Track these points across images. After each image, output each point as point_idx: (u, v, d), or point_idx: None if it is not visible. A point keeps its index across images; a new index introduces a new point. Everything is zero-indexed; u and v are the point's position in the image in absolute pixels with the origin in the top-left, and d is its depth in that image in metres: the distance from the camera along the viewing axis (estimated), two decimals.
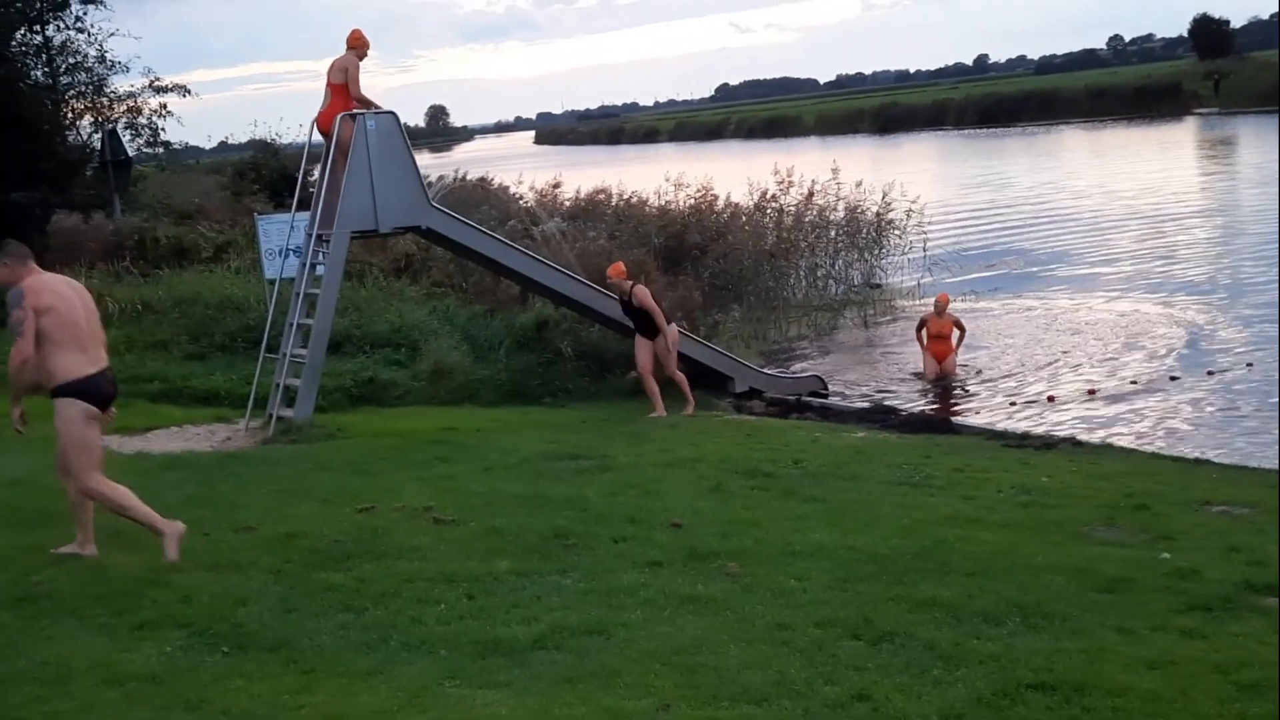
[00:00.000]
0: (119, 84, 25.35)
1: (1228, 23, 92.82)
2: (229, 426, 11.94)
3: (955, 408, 13.98)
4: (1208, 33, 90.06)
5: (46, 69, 24.23)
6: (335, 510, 8.27)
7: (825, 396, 14.43)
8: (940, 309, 15.69)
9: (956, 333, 15.55)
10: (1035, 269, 23.43)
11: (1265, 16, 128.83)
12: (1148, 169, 41.57)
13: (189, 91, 25.98)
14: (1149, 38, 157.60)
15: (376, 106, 12.31)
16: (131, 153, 24.35)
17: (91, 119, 24.84)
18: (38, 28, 24.08)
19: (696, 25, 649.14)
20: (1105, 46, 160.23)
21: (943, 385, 15.03)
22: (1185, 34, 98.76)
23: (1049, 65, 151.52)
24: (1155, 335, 16.64)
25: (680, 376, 13.33)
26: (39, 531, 7.86)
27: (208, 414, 12.46)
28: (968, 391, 14.71)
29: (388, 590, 6.44)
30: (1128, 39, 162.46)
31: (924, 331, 15.65)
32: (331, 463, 10.06)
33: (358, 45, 12.43)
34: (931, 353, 15.46)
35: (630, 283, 13.26)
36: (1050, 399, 13.63)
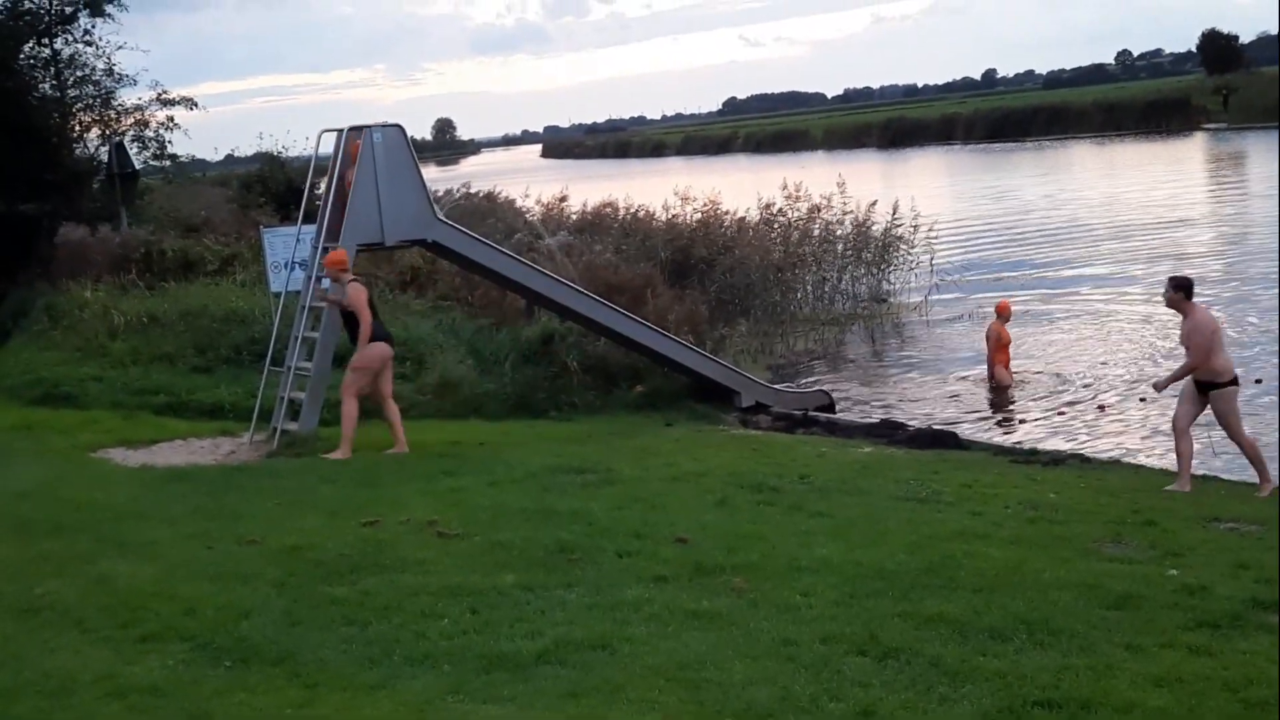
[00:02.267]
0: (126, 97, 25.40)
1: (1236, 38, 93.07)
2: (234, 439, 11.93)
3: (1011, 419, 13.99)
4: (1216, 48, 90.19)
5: (54, 82, 24.29)
6: (340, 523, 8.25)
7: (832, 411, 14.39)
8: (1006, 316, 15.85)
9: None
10: (1046, 285, 23.31)
11: (1274, 32, 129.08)
12: (1159, 184, 41.51)
13: (196, 104, 26.02)
14: (1158, 53, 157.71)
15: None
16: (138, 165, 24.38)
17: (99, 131, 24.89)
18: (46, 41, 24.16)
19: (706, 39, 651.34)
20: (1114, 61, 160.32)
21: (1004, 394, 15.08)
22: (1194, 49, 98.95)
23: (1057, 80, 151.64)
24: (1166, 351, 16.57)
25: (393, 409, 11.49)
26: (45, 542, 7.87)
27: (213, 427, 12.45)
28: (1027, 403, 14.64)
29: (392, 604, 6.43)
30: (1136, 54, 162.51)
31: (991, 342, 15.64)
32: (336, 476, 10.05)
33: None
34: (1000, 361, 15.51)
35: (349, 277, 11.40)
36: (1101, 408, 13.79)
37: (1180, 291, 9.75)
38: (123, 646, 5.94)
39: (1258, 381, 14.09)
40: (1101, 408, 13.78)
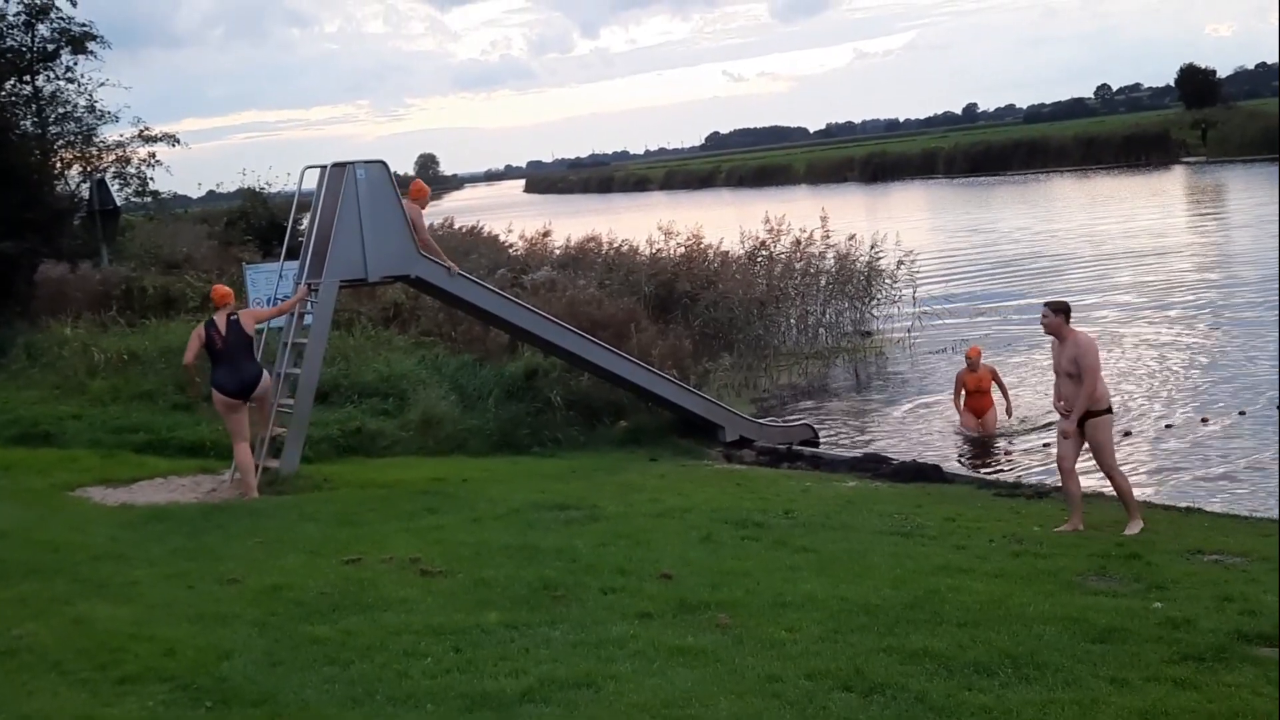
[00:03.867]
0: (108, 133, 25.46)
1: (1214, 72, 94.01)
2: (214, 478, 11.86)
3: (987, 463, 13.73)
4: (1194, 82, 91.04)
5: (36, 119, 24.32)
6: (321, 562, 8.19)
7: (816, 445, 14.39)
8: (974, 364, 15.37)
9: (996, 388, 15.24)
10: (1030, 317, 23.33)
11: (1251, 66, 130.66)
12: (1141, 216, 41.77)
13: (178, 141, 26.09)
14: (1136, 87, 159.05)
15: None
16: (120, 202, 24.39)
17: (80, 168, 24.91)
18: (27, 78, 24.18)
19: (690, 74, 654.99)
20: (1093, 96, 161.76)
21: (984, 442, 14.61)
22: (1172, 83, 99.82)
23: (1037, 114, 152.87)
24: (1152, 380, 16.64)
25: (242, 452, 11.13)
26: (23, 584, 7.78)
27: (193, 465, 12.37)
28: (1006, 449, 14.29)
29: (374, 643, 6.37)
30: (1115, 88, 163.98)
31: (962, 391, 15.29)
32: (318, 514, 9.98)
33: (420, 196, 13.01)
34: (969, 409, 15.11)
35: (234, 305, 11.38)
36: (1046, 445, 13.48)
37: (1060, 315, 9.31)
38: (101, 688, 5.86)
39: (1204, 421, 14.10)
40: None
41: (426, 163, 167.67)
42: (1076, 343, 9.24)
